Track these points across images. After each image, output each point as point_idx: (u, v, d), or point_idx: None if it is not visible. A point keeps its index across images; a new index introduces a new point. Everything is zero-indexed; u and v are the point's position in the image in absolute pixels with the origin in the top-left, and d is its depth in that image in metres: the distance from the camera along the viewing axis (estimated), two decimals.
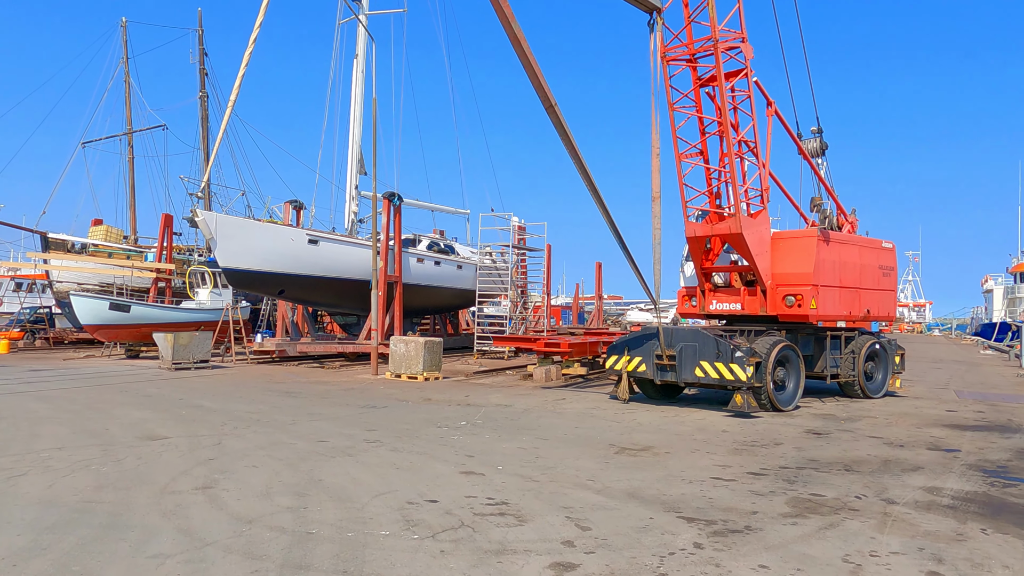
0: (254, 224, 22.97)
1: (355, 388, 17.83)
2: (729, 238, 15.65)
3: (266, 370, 22.50)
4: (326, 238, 24.87)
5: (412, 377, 20.26)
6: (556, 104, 12.96)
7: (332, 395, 16.34)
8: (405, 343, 20.66)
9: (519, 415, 13.54)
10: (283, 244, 23.54)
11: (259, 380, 19.50)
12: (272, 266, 23.34)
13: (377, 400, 15.49)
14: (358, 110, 27.78)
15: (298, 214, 27.02)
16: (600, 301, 57.85)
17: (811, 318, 15.48)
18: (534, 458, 9.64)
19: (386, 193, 25.75)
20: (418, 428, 11.86)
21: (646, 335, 15.46)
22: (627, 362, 15.59)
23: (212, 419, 12.55)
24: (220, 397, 15.64)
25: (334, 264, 25.00)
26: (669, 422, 13.01)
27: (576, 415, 13.73)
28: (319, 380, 19.92)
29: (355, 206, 27.87)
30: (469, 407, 14.59)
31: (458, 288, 30.81)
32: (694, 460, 9.67)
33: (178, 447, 10.02)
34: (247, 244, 22.67)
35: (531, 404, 15.15)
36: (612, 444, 10.72)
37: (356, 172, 27.84)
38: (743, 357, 13.70)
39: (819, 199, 16.75)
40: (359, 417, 13.02)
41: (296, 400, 15.27)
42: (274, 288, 24.05)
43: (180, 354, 20.94)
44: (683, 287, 17.70)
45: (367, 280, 25.79)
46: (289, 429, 11.63)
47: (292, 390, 17.15)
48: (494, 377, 21.62)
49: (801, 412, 14.55)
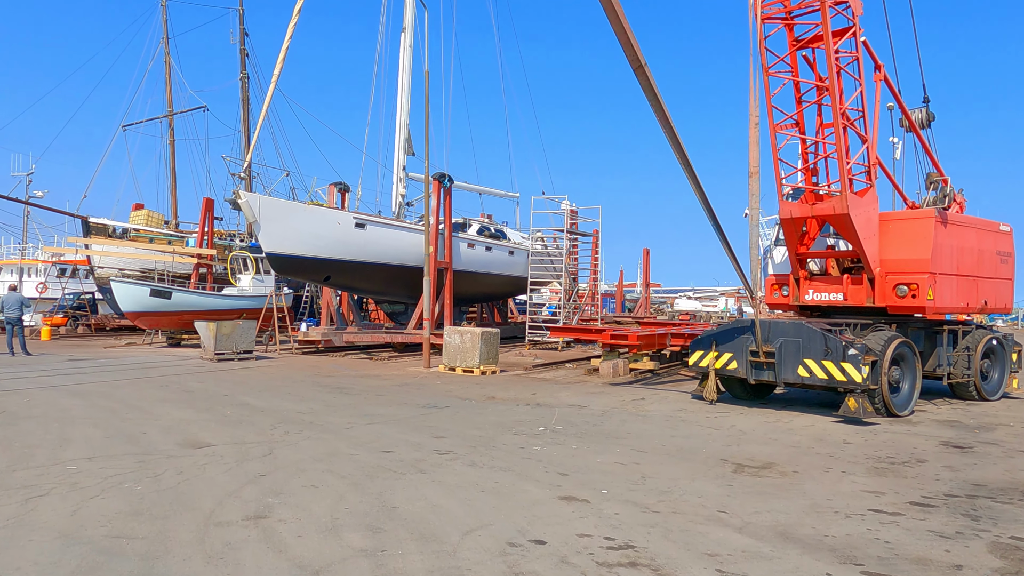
0: (299, 207, 21.70)
1: (409, 383, 16.44)
2: (832, 219, 13.83)
3: (312, 361, 21.28)
4: (373, 222, 23.53)
5: (468, 371, 18.84)
6: (646, 63, 11.28)
7: (387, 392, 14.96)
8: (460, 334, 19.23)
9: (600, 418, 11.99)
10: (329, 228, 22.25)
11: (306, 373, 18.25)
12: (317, 251, 22.08)
13: (437, 399, 14.07)
14: (406, 87, 26.32)
15: (343, 197, 25.71)
16: (647, 289, 56.02)
17: (927, 311, 13.63)
18: (639, 477, 8.10)
19: (436, 174, 24.30)
20: (492, 435, 10.38)
21: (737, 328, 13.77)
22: (714, 359, 13.92)
23: (260, 421, 11.23)
24: (267, 393, 14.36)
25: (382, 249, 23.66)
26: (775, 429, 11.34)
27: (663, 419, 12.14)
28: (369, 373, 18.60)
29: (403, 188, 26.49)
30: (540, 408, 13.08)
31: (509, 275, 29.30)
32: (833, 483, 8.02)
33: (223, 458, 8.67)
34: (292, 228, 21.42)
35: (608, 405, 13.59)
36: (724, 459, 9.11)
37: (404, 152, 26.43)
38: (858, 355, 11.95)
39: (936, 174, 14.81)
40: (422, 420, 11.60)
41: (349, 398, 13.91)
42: (319, 274, 22.80)
43: (223, 344, 19.81)
44: (772, 274, 15.93)
45: (416, 266, 24.47)
46: (346, 435, 10.23)
47: (343, 385, 15.83)
48: (555, 371, 20.09)
49: (919, 418, 12.76)
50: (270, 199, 21.09)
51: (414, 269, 24.70)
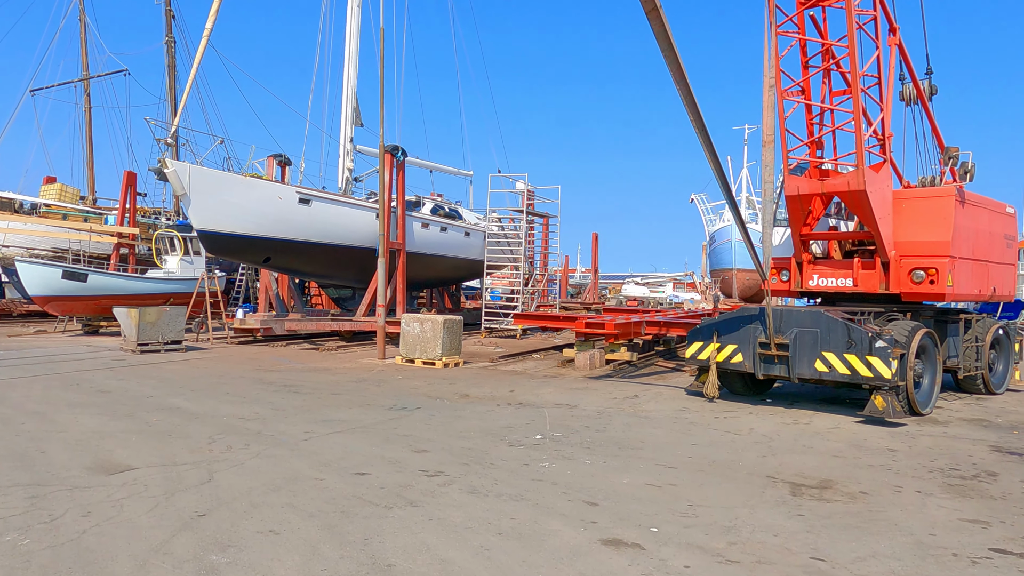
0: (236, 179, 19.30)
1: (367, 379, 14.48)
2: (846, 197, 12.49)
3: (251, 352, 18.99)
4: (319, 197, 21.27)
5: (429, 363, 16.97)
6: (660, 5, 9.57)
7: (343, 389, 12.98)
8: (420, 322, 17.31)
9: (599, 422, 10.35)
10: (270, 203, 19.92)
11: (246, 367, 16.04)
12: (256, 229, 19.74)
13: (404, 398, 12.19)
14: (354, 51, 24.01)
15: (283, 170, 23.32)
16: (596, 275, 54.94)
17: (947, 298, 12.46)
18: (686, 506, 6.47)
19: (389, 146, 22.13)
20: (484, 447, 8.61)
21: (743, 317, 12.32)
22: (716, 351, 12.46)
23: (195, 432, 9.15)
24: (201, 394, 12.19)
25: (328, 228, 21.44)
26: (800, 433, 9.92)
27: (670, 421, 10.59)
28: (318, 366, 16.51)
29: (350, 161, 24.23)
30: (525, 409, 11.36)
31: (464, 258, 27.41)
32: (918, 509, 6.57)
33: (148, 488, 6.65)
34: (227, 202, 19.02)
35: (600, 404, 11.97)
36: (771, 476, 7.58)
37: (351, 123, 24.16)
38: (887, 348, 10.63)
39: (955, 149, 13.64)
40: (393, 427, 9.72)
41: (301, 398, 11.89)
42: (258, 255, 20.46)
43: (147, 333, 17.36)
44: (770, 258, 14.55)
45: (366, 247, 22.38)
46: (306, 449, 8.29)
47: (291, 382, 13.75)
48: (523, 362, 18.40)
49: (941, 415, 11.59)
50: (202, 169, 18.64)
51: (364, 250, 22.59)
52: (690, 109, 10.05)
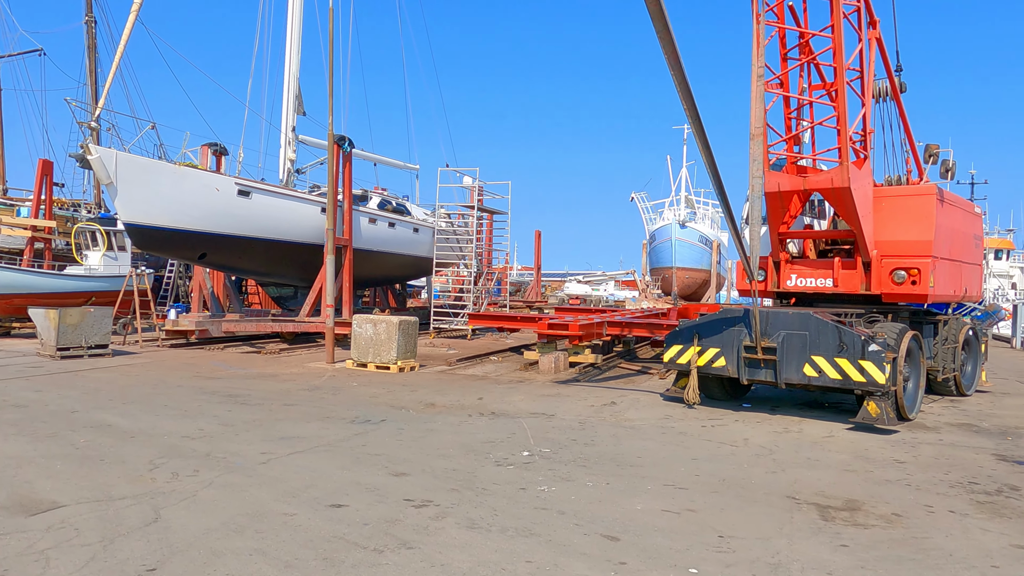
0: (168, 167, 17.73)
1: (320, 386, 13.31)
2: (829, 194, 12.03)
3: (186, 357, 17.47)
4: (260, 189, 19.84)
5: (383, 367, 15.88)
6: None
7: (296, 399, 11.81)
8: (373, 324, 16.19)
9: (583, 434, 9.55)
10: (206, 195, 18.41)
11: (183, 374, 14.61)
12: (191, 222, 18.21)
13: (365, 408, 11.12)
14: (296, 34, 22.59)
15: (219, 160, 21.69)
16: (539, 273, 54.39)
17: (929, 299, 12.17)
18: (715, 537, 5.73)
19: (336, 136, 20.87)
20: (470, 468, 7.68)
21: (726, 319, 11.73)
22: (696, 354, 11.84)
23: (133, 455, 7.92)
24: (136, 406, 10.84)
25: (270, 222, 20.04)
26: (797, 444, 9.35)
27: (658, 432, 9.88)
28: (263, 372, 15.21)
29: (292, 152, 22.80)
30: (500, 419, 10.47)
31: (413, 255, 26.28)
32: (963, 533, 6.00)
33: (80, 533, 5.49)
34: (159, 193, 17.46)
35: (578, 413, 11.18)
36: (791, 496, 6.92)
37: (293, 111, 22.73)
38: (880, 352, 10.18)
39: (936, 147, 13.37)
40: (361, 444, 8.69)
41: (250, 411, 10.68)
42: (193, 251, 18.91)
43: (68, 337, 15.67)
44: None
45: (310, 243, 21.10)
46: (266, 476, 7.20)
47: (236, 391, 12.47)
48: (482, 365, 17.49)
49: (927, 420, 11.25)
50: (130, 156, 17.03)
51: (307, 246, 21.27)
52: (684, 96, 9.32)
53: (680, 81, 9.12)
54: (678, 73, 9.04)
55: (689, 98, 9.27)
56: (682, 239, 60.08)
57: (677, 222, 59.92)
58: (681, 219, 60.99)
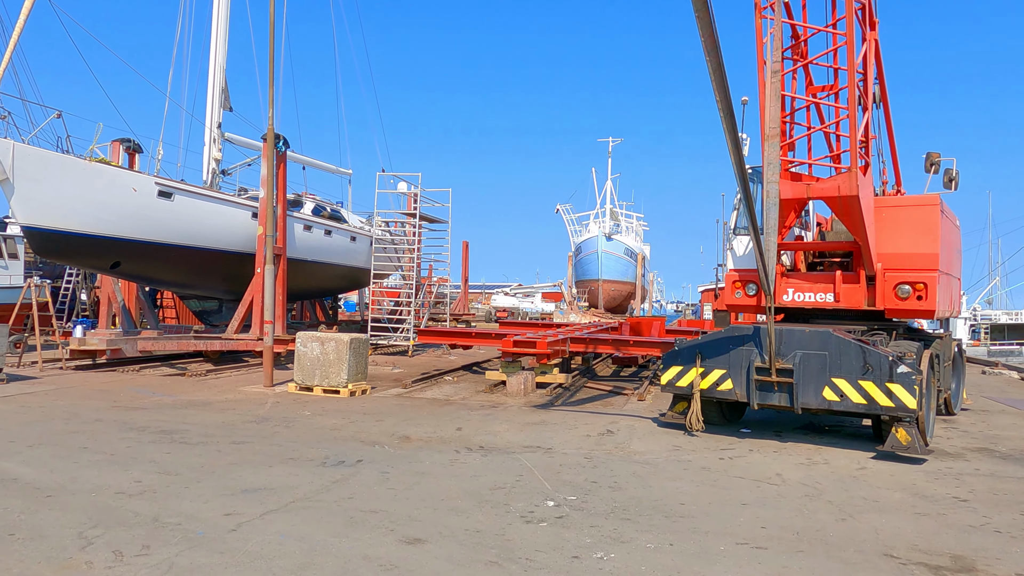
0: (77, 163, 15.40)
1: (268, 417, 11.49)
2: (835, 202, 11.23)
3: (99, 382, 15.11)
4: (185, 191, 17.65)
5: (332, 391, 14.14)
6: None
7: (246, 434, 10.00)
8: (321, 342, 14.42)
9: (600, 474, 8.27)
10: (122, 195, 16.15)
11: (99, 403, 12.44)
12: (104, 227, 15.91)
13: (330, 445, 9.46)
14: (223, 21, 20.50)
15: (132, 159, 19.32)
16: (467, 285, 52.98)
17: (935, 315, 11.54)
18: None
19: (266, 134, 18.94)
20: (495, 527, 6.24)
21: (733, 338, 10.71)
22: (699, 376, 10.78)
23: (53, 525, 6.06)
24: (48, 449, 8.80)
25: (195, 228, 17.88)
26: (834, 479, 8.36)
27: (678, 467, 8.71)
28: (195, 399, 13.19)
29: (217, 151, 20.63)
30: (493, 456, 9.06)
31: (349, 266, 24.39)
32: None
33: None
34: (65, 192, 15.13)
35: (578, 445, 9.89)
36: (887, 554, 5.84)
37: (219, 106, 20.59)
38: (910, 374, 9.37)
39: (937, 155, 12.81)
40: (346, 495, 7.09)
41: (195, 452, 8.83)
42: (105, 259, 16.56)
43: None
44: (733, 269, 13.17)
45: (238, 251, 19.07)
46: (243, 551, 5.54)
47: (170, 425, 10.50)
48: (439, 386, 15.95)
49: (941, 444, 10.56)
50: (31, 149, 14.66)
51: (236, 255, 19.19)
52: (718, 85, 8.23)
53: (716, 69, 8.02)
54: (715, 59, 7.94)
55: (724, 89, 8.19)
56: (608, 251, 60.03)
57: (603, 235, 59.80)
58: (607, 231, 60.93)
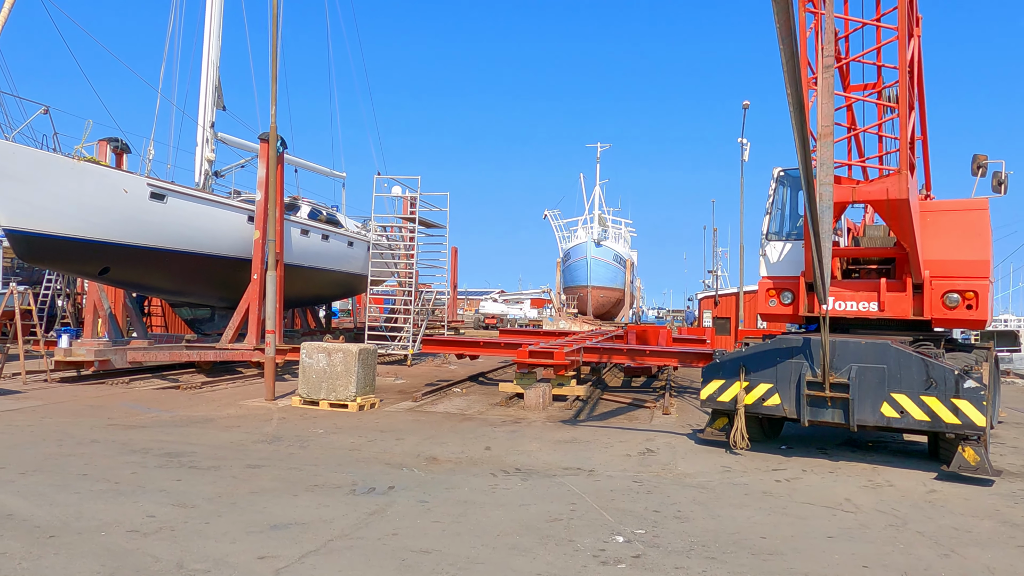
0: (65, 162, 14.45)
1: (280, 436, 10.64)
2: (882, 206, 10.61)
3: (89, 396, 14.12)
4: (178, 192, 16.73)
5: (339, 404, 13.32)
6: None
7: (259, 456, 9.15)
8: (328, 353, 13.59)
9: (659, 502, 7.56)
10: (112, 197, 15.22)
11: (93, 421, 11.51)
12: (93, 230, 14.98)
13: (354, 468, 8.66)
14: (216, 17, 19.61)
15: (120, 159, 18.35)
16: (456, 292, 52.22)
17: (986, 325, 10.99)
18: None
19: (265, 134, 18.09)
20: (576, 573, 5.49)
21: (780, 350, 10.07)
22: (743, 390, 10.12)
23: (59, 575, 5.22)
24: (43, 478, 7.91)
25: (189, 232, 16.96)
26: (915, 507, 7.71)
27: (737, 492, 8.02)
28: (195, 415, 12.29)
29: (210, 151, 19.71)
30: (534, 480, 8.31)
31: (346, 272, 23.52)
32: None
33: None
34: (52, 193, 14.18)
35: (621, 467, 9.17)
36: None
37: (212, 105, 19.69)
38: (979, 390, 8.78)
39: (984, 158, 12.27)
40: (390, 532, 6.30)
41: (208, 478, 7.98)
42: (94, 265, 15.60)
43: None
44: (766, 276, 12.53)
45: (233, 256, 18.20)
46: None
47: (174, 446, 9.62)
48: (449, 399, 15.17)
49: (997, 463, 9.96)
50: (15, 146, 13.71)
51: (230, 260, 18.29)
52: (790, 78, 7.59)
53: (789, 59, 7.37)
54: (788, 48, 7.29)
55: (796, 81, 7.55)
56: (597, 258, 59.41)
57: (592, 241, 59.21)
58: (595, 237, 60.36)
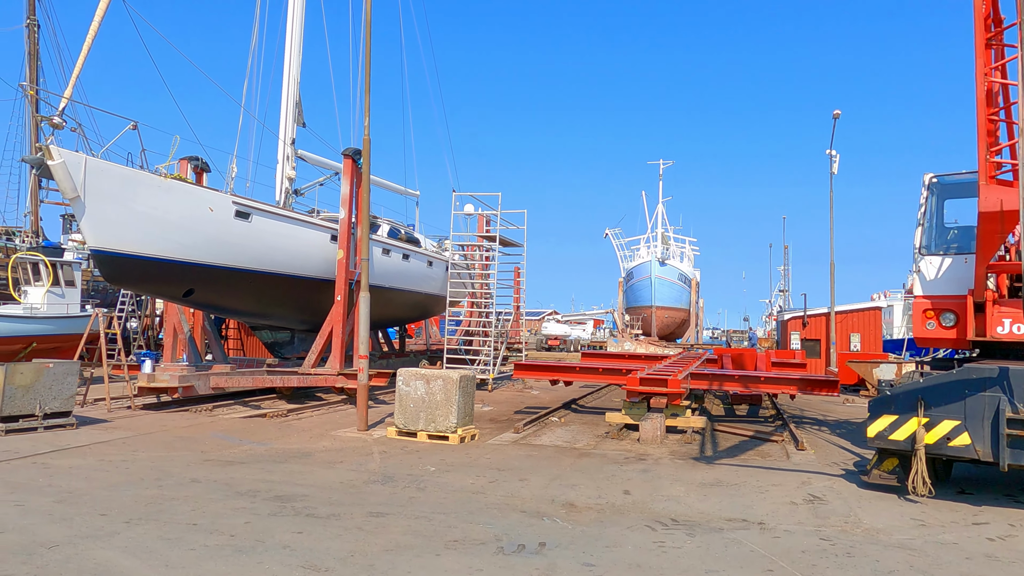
0: (153, 180, 13.88)
1: (393, 476, 9.61)
2: None
3: (177, 426, 13.36)
4: (263, 211, 16.08)
5: (439, 436, 12.29)
6: None
7: (378, 503, 8.13)
8: (426, 380, 12.60)
9: (869, 567, 6.28)
10: (198, 216, 14.60)
11: (187, 456, 10.68)
12: (180, 251, 14.35)
13: (490, 518, 7.55)
14: (297, 32, 19.10)
15: (199, 179, 17.83)
16: (519, 313, 51.17)
17: None
18: None
19: (348, 150, 17.41)
20: None
21: (968, 380, 8.66)
22: (923, 428, 8.72)
23: None
24: (149, 528, 6.99)
25: (271, 251, 16.28)
26: None
27: (953, 554, 6.68)
28: (289, 448, 11.40)
29: (291, 169, 19.11)
30: (701, 536, 7.07)
31: (424, 292, 22.67)
32: None
33: None
34: (139, 212, 13.60)
35: (796, 518, 7.87)
36: None
37: (293, 121, 19.12)
38: None
39: None
40: None
41: (330, 531, 6.96)
42: (178, 286, 14.97)
43: (18, 402, 11.46)
44: (922, 296, 11.11)
45: (316, 278, 17.48)
46: None
47: (279, 487, 8.67)
48: (551, 430, 14.02)
49: None
50: (104, 163, 13.17)
51: (312, 281, 17.57)
52: None
53: None
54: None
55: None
56: (662, 277, 57.79)
57: (656, 259, 57.61)
58: (659, 256, 58.75)
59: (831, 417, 17.17)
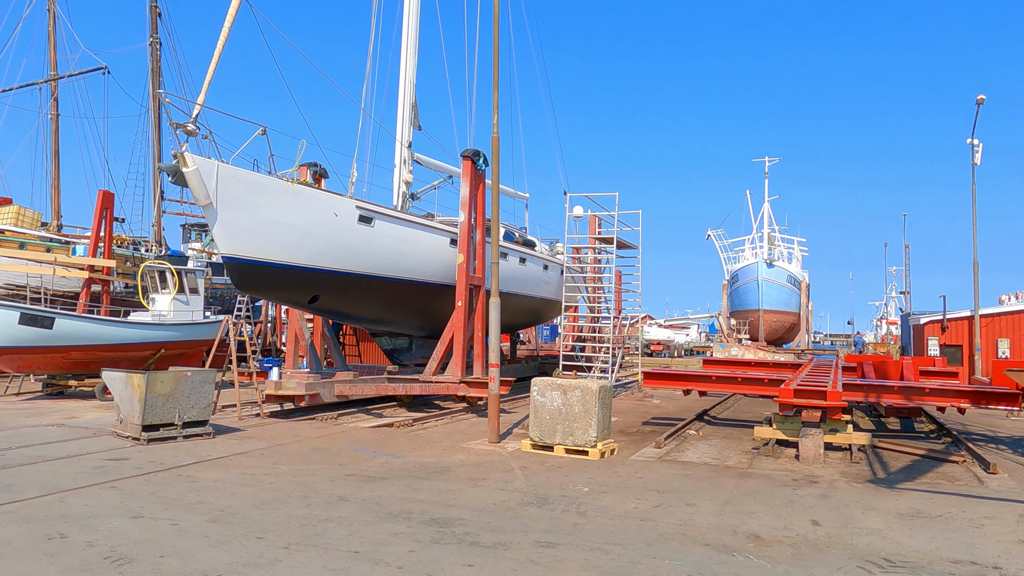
0: (280, 185, 13.76)
1: (547, 498, 8.89)
2: None
3: (309, 436, 13.12)
4: (385, 215, 15.79)
5: (578, 451, 11.53)
6: None
7: (543, 531, 7.41)
8: (562, 390, 11.86)
9: None
10: (324, 221, 14.41)
11: (327, 470, 10.32)
12: (306, 256, 14.18)
13: (671, 552, 6.70)
14: (412, 34, 18.82)
15: (318, 183, 17.74)
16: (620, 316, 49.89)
17: None
18: None
19: (468, 151, 16.92)
20: None
21: None
22: None
23: None
24: (313, 556, 6.51)
25: (393, 256, 15.96)
26: None
27: None
28: (424, 461, 10.89)
29: (408, 173, 18.83)
30: None
31: (540, 297, 22.04)
32: None
33: None
34: (267, 218, 13.48)
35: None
36: None
37: (409, 125, 18.85)
38: None
39: None
40: None
41: (504, 566, 6.28)
42: (304, 293, 14.83)
43: (159, 411, 11.46)
44: None
45: (436, 283, 17.04)
46: None
47: (434, 508, 8.09)
48: (694, 445, 13.03)
49: None
50: (235, 170, 13.11)
51: (432, 287, 17.17)
52: None
53: None
54: None
55: None
56: (769, 279, 55.14)
57: (764, 261, 55.06)
58: (766, 258, 56.16)
59: (1002, 433, 15.42)
